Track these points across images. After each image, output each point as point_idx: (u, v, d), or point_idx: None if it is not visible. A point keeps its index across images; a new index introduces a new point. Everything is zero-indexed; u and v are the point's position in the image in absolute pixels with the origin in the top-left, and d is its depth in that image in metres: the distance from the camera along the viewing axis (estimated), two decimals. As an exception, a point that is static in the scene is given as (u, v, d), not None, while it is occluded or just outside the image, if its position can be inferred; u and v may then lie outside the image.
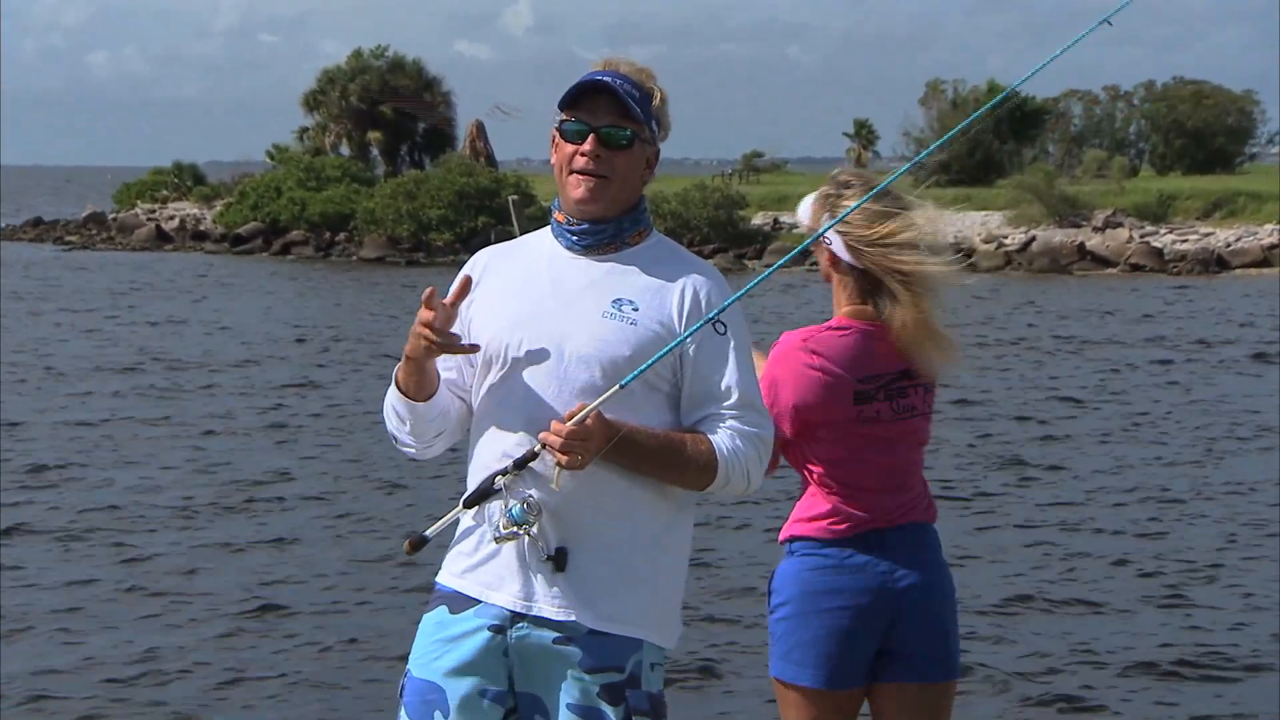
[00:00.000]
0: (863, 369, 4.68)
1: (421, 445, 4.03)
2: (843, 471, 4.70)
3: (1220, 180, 54.91)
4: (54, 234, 60.51)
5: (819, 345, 4.69)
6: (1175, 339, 26.51)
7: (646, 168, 3.99)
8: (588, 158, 3.90)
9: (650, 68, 4.00)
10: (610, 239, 3.95)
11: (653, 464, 3.84)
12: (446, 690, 3.90)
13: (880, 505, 4.71)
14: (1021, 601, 10.46)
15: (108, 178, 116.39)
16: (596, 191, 3.91)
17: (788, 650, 4.70)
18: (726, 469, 3.86)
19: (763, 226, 47.98)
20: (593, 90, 3.91)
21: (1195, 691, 8.80)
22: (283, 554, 11.76)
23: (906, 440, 4.76)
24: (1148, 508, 13.39)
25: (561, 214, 3.99)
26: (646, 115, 3.94)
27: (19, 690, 8.67)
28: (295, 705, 8.57)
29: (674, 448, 3.84)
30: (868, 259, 4.69)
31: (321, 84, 63.48)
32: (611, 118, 3.91)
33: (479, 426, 3.97)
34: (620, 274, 3.93)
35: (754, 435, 3.91)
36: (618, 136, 3.90)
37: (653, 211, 4.11)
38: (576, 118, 3.92)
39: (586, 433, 3.72)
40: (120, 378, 21.48)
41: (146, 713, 8.44)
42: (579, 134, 3.91)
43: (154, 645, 9.49)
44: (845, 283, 4.77)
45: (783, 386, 4.66)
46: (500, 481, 3.81)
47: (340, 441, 16.61)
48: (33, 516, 12.83)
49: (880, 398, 4.69)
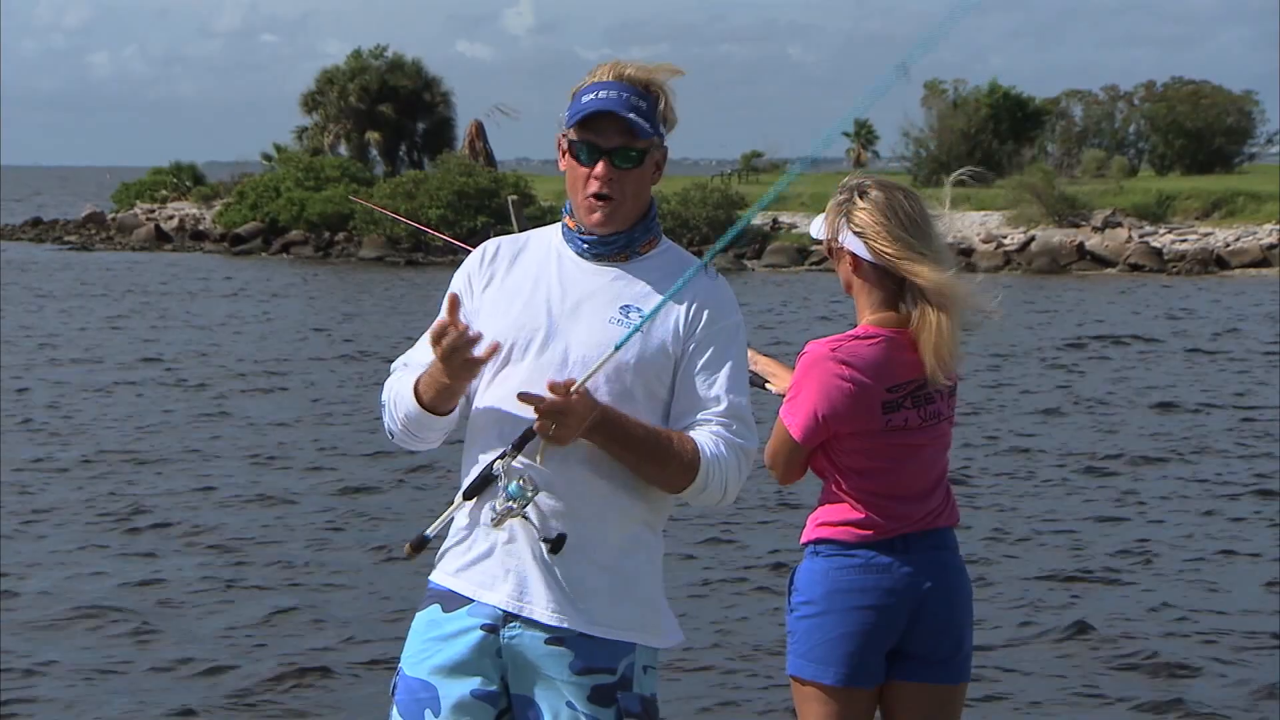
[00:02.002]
0: (891, 378, 4.69)
1: (423, 445, 4.03)
2: (870, 481, 4.71)
3: (1219, 180, 54.90)
4: (53, 234, 60.50)
5: (848, 355, 4.68)
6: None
7: (656, 170, 4.00)
8: (600, 182, 3.91)
9: (660, 63, 3.98)
10: (622, 249, 3.97)
11: (637, 452, 3.84)
12: (438, 689, 3.89)
13: (906, 512, 4.73)
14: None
15: (107, 177, 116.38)
16: (611, 215, 3.93)
17: (809, 648, 4.72)
18: (707, 473, 3.87)
19: (762, 226, 47.97)
20: (601, 114, 3.90)
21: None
22: (278, 550, 11.78)
23: (933, 446, 4.77)
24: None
25: (574, 221, 3.99)
26: (654, 125, 3.94)
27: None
28: (290, 700, 8.58)
29: (659, 440, 3.85)
30: (889, 262, 4.69)
31: (320, 84, 63.49)
32: (621, 139, 3.91)
33: (477, 427, 3.97)
34: (629, 282, 3.94)
35: (739, 446, 3.92)
36: (627, 157, 3.91)
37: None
38: (585, 139, 3.92)
39: (566, 405, 3.72)
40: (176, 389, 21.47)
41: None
42: (590, 157, 3.92)
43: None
44: (868, 289, 4.76)
45: (813, 396, 4.66)
46: (498, 466, 3.81)
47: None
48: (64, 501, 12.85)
49: (908, 405, 4.71)
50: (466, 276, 4.03)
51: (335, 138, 62.44)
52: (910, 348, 4.70)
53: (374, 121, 62.42)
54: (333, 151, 61.20)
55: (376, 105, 62.43)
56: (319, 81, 63.65)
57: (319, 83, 63.60)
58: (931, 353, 4.66)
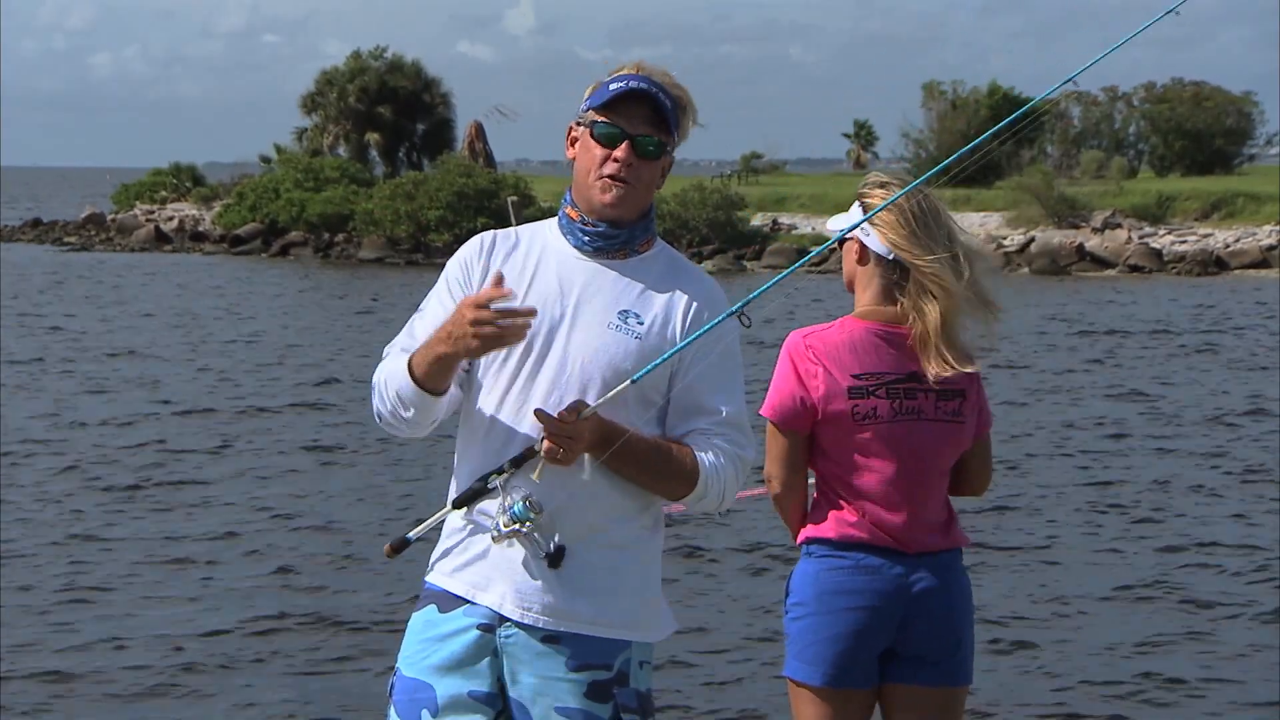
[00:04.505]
0: (859, 365, 4.66)
1: (414, 430, 3.95)
2: (848, 474, 4.69)
3: (1219, 181, 54.88)
4: (53, 235, 60.51)
5: (816, 340, 4.70)
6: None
7: (661, 175, 4.00)
8: (620, 164, 3.89)
9: (680, 83, 3.99)
10: (622, 245, 3.95)
11: (639, 468, 3.84)
12: (435, 688, 3.89)
13: (894, 528, 4.67)
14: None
15: (106, 178, 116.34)
16: (625, 198, 3.91)
17: (801, 649, 4.71)
18: (705, 483, 3.87)
19: (762, 227, 47.96)
20: (633, 97, 3.90)
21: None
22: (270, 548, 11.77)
23: (913, 448, 4.69)
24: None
25: (576, 211, 3.97)
26: (674, 126, 3.95)
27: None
28: (289, 701, 8.58)
29: (661, 454, 3.85)
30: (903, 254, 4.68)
31: (320, 85, 63.49)
32: (646, 127, 3.91)
33: (472, 428, 3.95)
34: (627, 284, 3.93)
35: (737, 455, 3.92)
36: (649, 145, 3.91)
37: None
38: (612, 121, 3.91)
39: (575, 430, 3.72)
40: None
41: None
42: (612, 138, 3.90)
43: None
44: (868, 281, 4.75)
45: (784, 378, 4.68)
46: (495, 481, 3.81)
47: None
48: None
49: (879, 395, 4.66)
50: (462, 265, 3.99)
51: (335, 139, 62.44)
52: (895, 342, 4.68)
53: (373, 122, 62.42)
54: (332, 152, 61.19)
55: (376, 106, 62.43)
56: (318, 83, 63.67)
57: (318, 84, 63.61)
58: (924, 343, 4.65)
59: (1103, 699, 8.66)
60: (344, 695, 8.69)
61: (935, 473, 4.75)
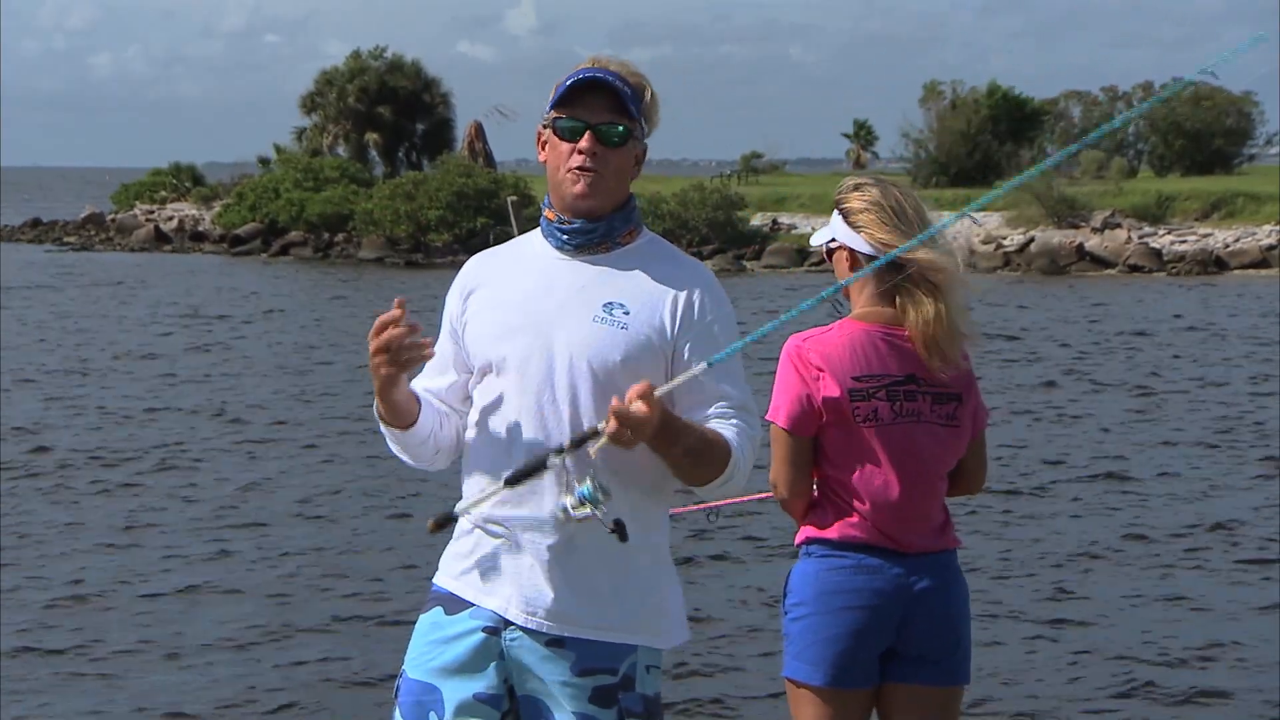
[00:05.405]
0: (860, 367, 4.67)
1: (422, 463, 4.04)
2: (848, 475, 4.70)
3: (1219, 181, 54.88)
4: (52, 235, 60.53)
5: (815, 343, 4.71)
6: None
7: (635, 164, 3.99)
8: (585, 154, 3.89)
9: (639, 70, 3.99)
10: (602, 238, 3.93)
11: (685, 451, 3.78)
12: (442, 691, 3.89)
13: (893, 529, 4.68)
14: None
15: (106, 178, 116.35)
16: (594, 186, 3.89)
17: (800, 650, 4.72)
18: (733, 466, 3.85)
19: (761, 227, 47.96)
20: (588, 87, 3.90)
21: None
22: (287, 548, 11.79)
23: (913, 450, 4.70)
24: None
25: (553, 212, 3.97)
26: (638, 111, 3.94)
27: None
28: (296, 706, 8.59)
29: (705, 438, 3.81)
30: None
31: (319, 85, 63.51)
32: (608, 115, 3.90)
33: (473, 434, 3.96)
34: (610, 276, 3.92)
35: (753, 436, 3.91)
36: (613, 133, 3.89)
37: (651, 212, 4.15)
38: (572, 114, 3.91)
39: (645, 419, 3.65)
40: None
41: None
42: (575, 131, 3.90)
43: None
44: (865, 285, 4.76)
45: (788, 383, 4.69)
46: (555, 460, 3.76)
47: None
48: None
49: (880, 397, 4.67)
50: (452, 296, 4.04)
51: (334, 139, 62.47)
52: (894, 343, 4.69)
53: (373, 122, 62.44)
54: (332, 152, 61.23)
55: (375, 106, 62.46)
56: (318, 83, 63.72)
57: (318, 84, 63.66)
58: (923, 338, 4.66)
59: (1103, 699, 8.67)
60: (344, 695, 8.70)
61: (934, 475, 4.77)
